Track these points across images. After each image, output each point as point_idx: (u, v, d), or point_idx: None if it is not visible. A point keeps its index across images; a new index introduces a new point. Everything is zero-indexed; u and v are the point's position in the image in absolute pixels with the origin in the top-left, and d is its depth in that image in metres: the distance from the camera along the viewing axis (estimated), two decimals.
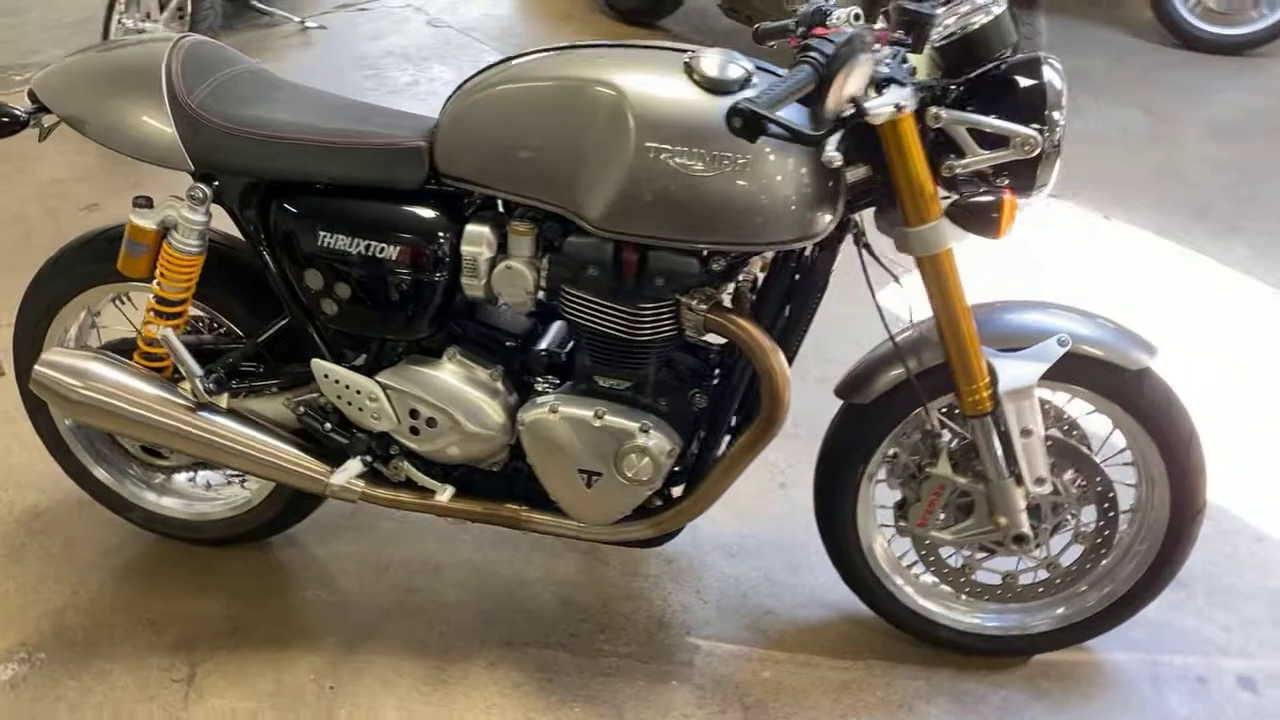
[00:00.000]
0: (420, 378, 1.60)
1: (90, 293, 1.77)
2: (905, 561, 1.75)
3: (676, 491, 1.66)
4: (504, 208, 1.53)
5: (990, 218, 1.31)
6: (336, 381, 1.63)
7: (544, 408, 1.54)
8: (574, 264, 1.45)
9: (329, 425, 1.70)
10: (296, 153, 1.50)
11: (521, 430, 1.57)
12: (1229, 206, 3.18)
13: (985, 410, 1.49)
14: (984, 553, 1.68)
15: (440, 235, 1.51)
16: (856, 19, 1.38)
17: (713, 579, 1.97)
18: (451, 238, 1.51)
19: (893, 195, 1.38)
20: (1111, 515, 1.61)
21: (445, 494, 1.66)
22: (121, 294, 1.83)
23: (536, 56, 1.48)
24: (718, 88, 1.33)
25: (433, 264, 1.52)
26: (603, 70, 1.39)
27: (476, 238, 1.50)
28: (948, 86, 1.35)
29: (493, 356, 1.63)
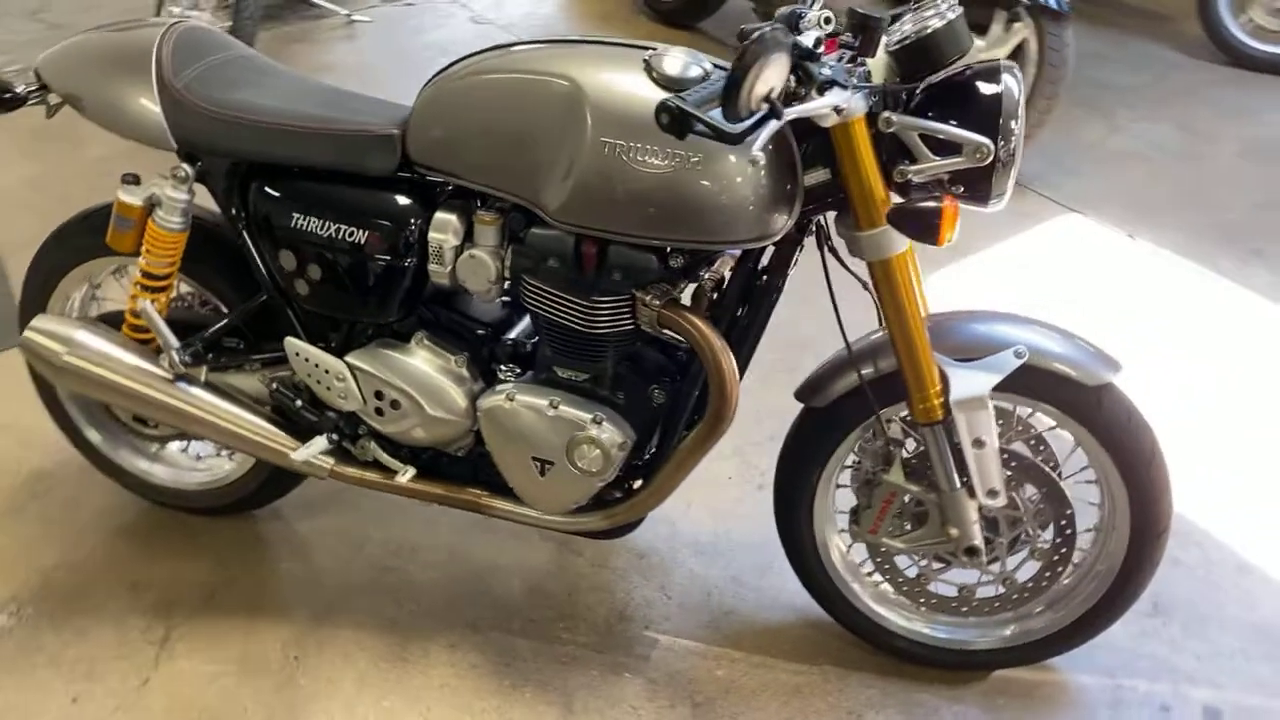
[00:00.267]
0: (387, 360, 1.64)
1: (88, 265, 1.85)
2: (865, 569, 1.74)
3: (638, 485, 1.68)
4: (473, 197, 1.57)
5: (931, 224, 1.30)
6: (307, 360, 1.68)
7: (501, 395, 1.57)
8: (535, 255, 1.48)
9: (300, 403, 1.75)
10: (273, 136, 1.55)
11: (480, 416, 1.60)
12: (1255, 230, 3.09)
13: (936, 419, 1.48)
14: (940, 564, 1.67)
15: (409, 222, 1.55)
16: (826, 22, 1.39)
17: (680, 576, 1.98)
18: (420, 224, 1.55)
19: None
20: (1069, 533, 1.59)
21: (406, 475, 1.70)
22: (121, 267, 1.90)
23: (507, 49, 1.50)
24: (674, 86, 1.34)
25: (401, 250, 1.56)
26: (565, 65, 1.41)
27: (443, 225, 1.53)
28: (902, 91, 1.35)
29: (460, 343, 1.66)
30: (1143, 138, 3.64)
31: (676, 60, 1.37)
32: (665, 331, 1.50)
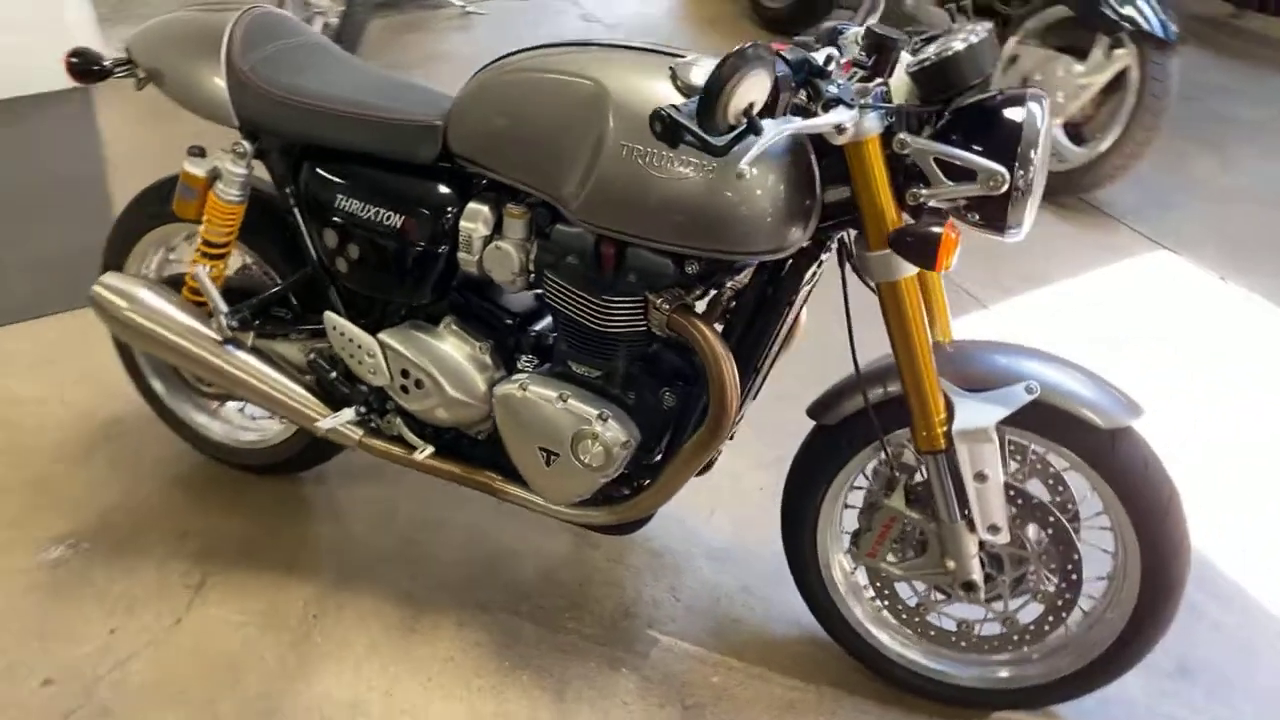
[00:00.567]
0: (416, 341, 1.71)
1: (164, 229, 1.98)
2: (867, 592, 1.72)
3: (646, 484, 1.70)
4: (505, 191, 1.61)
5: (928, 249, 1.27)
6: (343, 334, 1.76)
7: (515, 384, 1.62)
8: (558, 251, 1.52)
9: (335, 375, 1.83)
10: (323, 120, 1.64)
11: (494, 402, 1.65)
12: None
13: (938, 447, 1.45)
14: (941, 595, 1.64)
15: (445, 210, 1.61)
16: (859, 41, 1.39)
17: (691, 579, 2.00)
18: (455, 213, 1.60)
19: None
20: (1075, 579, 1.53)
21: (423, 452, 1.76)
22: (193, 234, 2.03)
23: (546, 50, 1.55)
24: (695, 94, 1.36)
25: (435, 236, 1.62)
26: (595, 68, 1.44)
27: (474, 215, 1.58)
28: (923, 113, 1.33)
29: (487, 331, 1.71)
30: (1255, 176, 3.44)
31: (702, 69, 1.38)
32: (673, 335, 1.52)
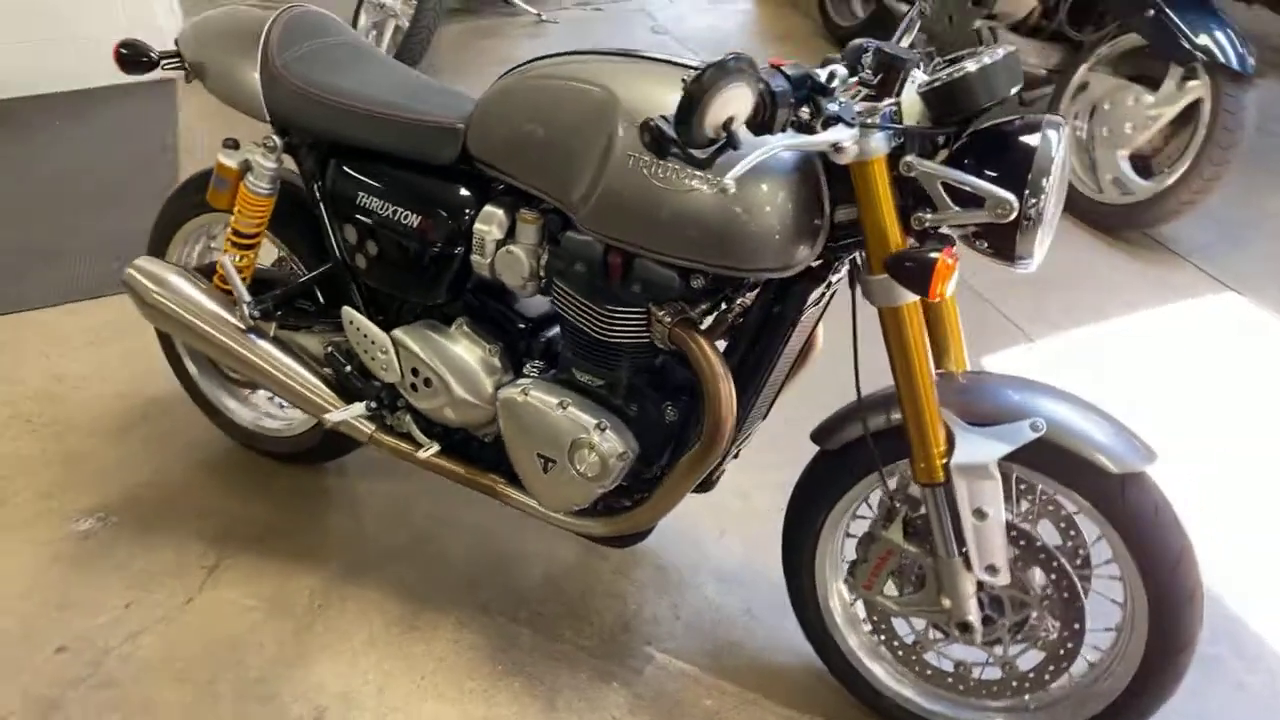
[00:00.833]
0: (427, 340, 1.72)
1: (204, 218, 2.04)
2: (867, 626, 1.68)
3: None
4: (520, 195, 1.62)
5: (921, 275, 1.23)
6: (358, 329, 1.79)
7: (518, 388, 1.62)
8: (567, 258, 1.51)
9: (350, 369, 1.86)
10: (348, 118, 1.67)
11: (497, 405, 1.65)
12: None
13: (936, 480, 1.41)
14: (939, 634, 1.58)
15: (461, 212, 1.62)
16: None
17: (695, 598, 1.97)
18: (471, 216, 1.62)
19: None
20: (1077, 628, 1.47)
21: (427, 450, 1.78)
22: None
23: (568, 56, 1.55)
24: None
25: (450, 237, 1.63)
26: (608, 77, 1.44)
27: (489, 218, 1.59)
28: (934, 135, 1.29)
29: (498, 334, 1.72)
30: None
31: None
32: (675, 348, 1.50)
